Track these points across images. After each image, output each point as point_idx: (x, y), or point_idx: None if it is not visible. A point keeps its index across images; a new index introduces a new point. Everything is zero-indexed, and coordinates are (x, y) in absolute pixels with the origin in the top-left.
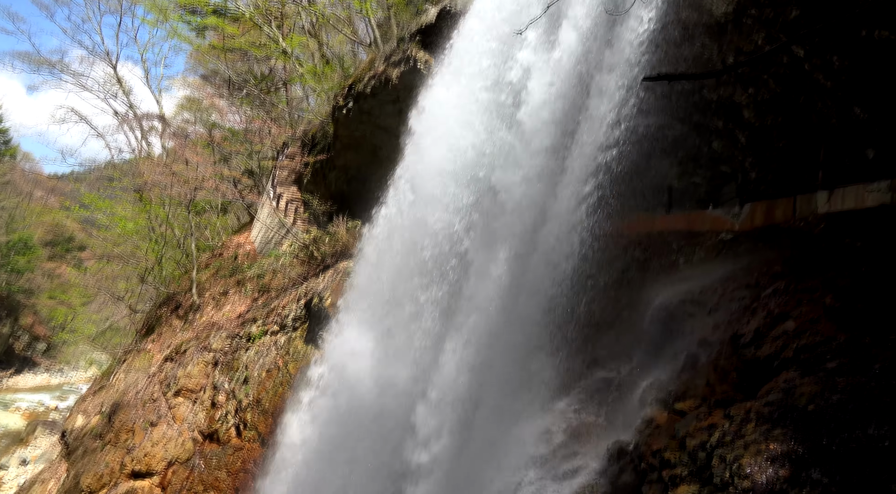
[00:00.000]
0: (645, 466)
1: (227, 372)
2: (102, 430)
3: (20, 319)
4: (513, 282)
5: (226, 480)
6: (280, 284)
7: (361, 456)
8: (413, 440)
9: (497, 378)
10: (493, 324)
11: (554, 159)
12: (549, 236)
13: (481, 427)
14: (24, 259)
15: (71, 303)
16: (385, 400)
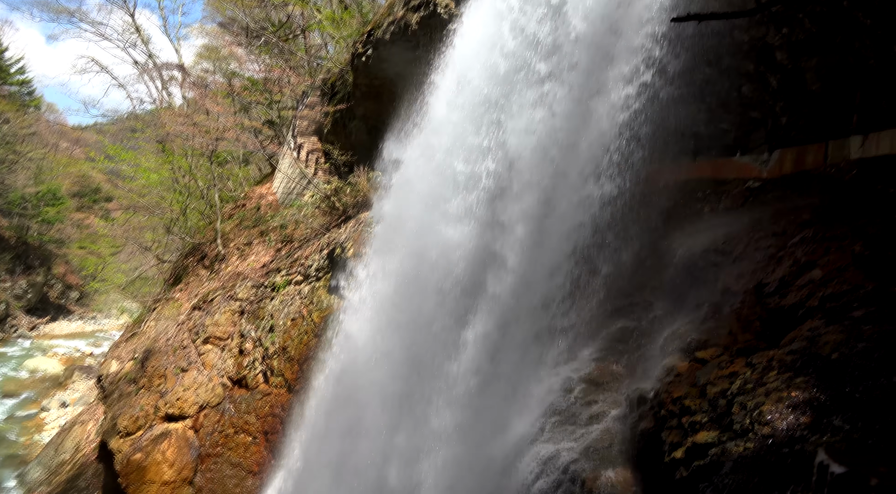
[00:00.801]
0: (665, 413)
1: (253, 320)
2: (136, 375)
3: (53, 268)
4: (536, 228)
5: (255, 423)
6: (302, 234)
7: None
8: (437, 383)
9: (519, 326)
10: (515, 272)
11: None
12: (573, 181)
13: (503, 373)
14: (53, 209)
15: (100, 253)
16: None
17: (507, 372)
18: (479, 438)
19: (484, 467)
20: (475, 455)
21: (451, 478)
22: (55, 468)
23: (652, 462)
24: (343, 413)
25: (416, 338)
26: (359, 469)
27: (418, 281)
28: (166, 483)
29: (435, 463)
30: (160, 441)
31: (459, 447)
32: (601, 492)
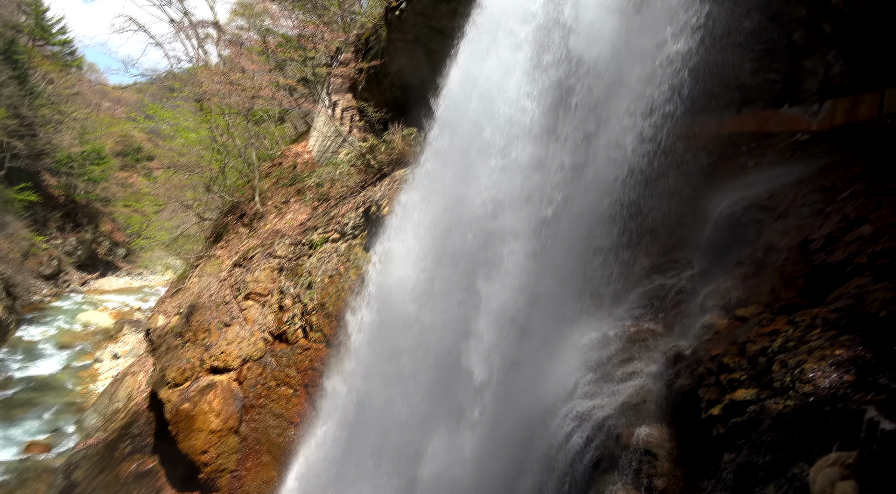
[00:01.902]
0: (702, 370)
1: (291, 277)
2: (182, 329)
3: (100, 226)
4: (574, 182)
5: (295, 377)
6: (338, 193)
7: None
8: (470, 339)
9: (555, 281)
10: (552, 228)
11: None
12: (612, 133)
13: (539, 329)
14: (98, 168)
15: (144, 211)
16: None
17: (542, 327)
18: (515, 394)
19: (520, 422)
20: (512, 409)
21: (487, 434)
22: (110, 415)
23: (688, 418)
24: (386, 366)
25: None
26: (400, 422)
27: (460, 227)
28: (213, 431)
29: (472, 419)
30: (206, 393)
31: (496, 402)
32: (636, 448)
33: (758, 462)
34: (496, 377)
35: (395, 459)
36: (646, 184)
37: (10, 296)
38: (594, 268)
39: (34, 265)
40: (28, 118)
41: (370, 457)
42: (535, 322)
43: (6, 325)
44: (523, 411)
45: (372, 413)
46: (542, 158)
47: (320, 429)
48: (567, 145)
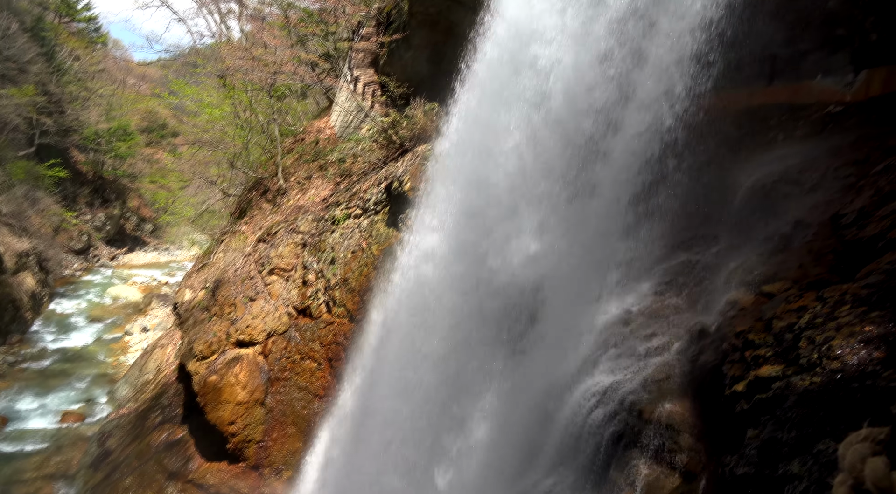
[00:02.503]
0: (727, 346)
1: (315, 252)
2: (208, 304)
3: (127, 202)
4: (596, 153)
5: (319, 351)
6: (360, 168)
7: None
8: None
9: (578, 257)
10: (574, 200)
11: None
12: (637, 104)
13: (561, 304)
14: (124, 145)
15: (170, 187)
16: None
17: (565, 301)
18: (536, 368)
19: (541, 395)
20: (534, 383)
21: (510, 405)
22: (140, 386)
23: (711, 394)
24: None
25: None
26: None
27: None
28: (240, 402)
29: (494, 389)
30: (233, 365)
31: (518, 376)
32: (658, 423)
33: (782, 439)
34: (518, 346)
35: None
36: (672, 158)
37: (42, 270)
38: (618, 243)
39: (65, 240)
40: (56, 95)
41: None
42: (558, 296)
43: (40, 298)
44: (545, 385)
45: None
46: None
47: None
48: (593, 116)
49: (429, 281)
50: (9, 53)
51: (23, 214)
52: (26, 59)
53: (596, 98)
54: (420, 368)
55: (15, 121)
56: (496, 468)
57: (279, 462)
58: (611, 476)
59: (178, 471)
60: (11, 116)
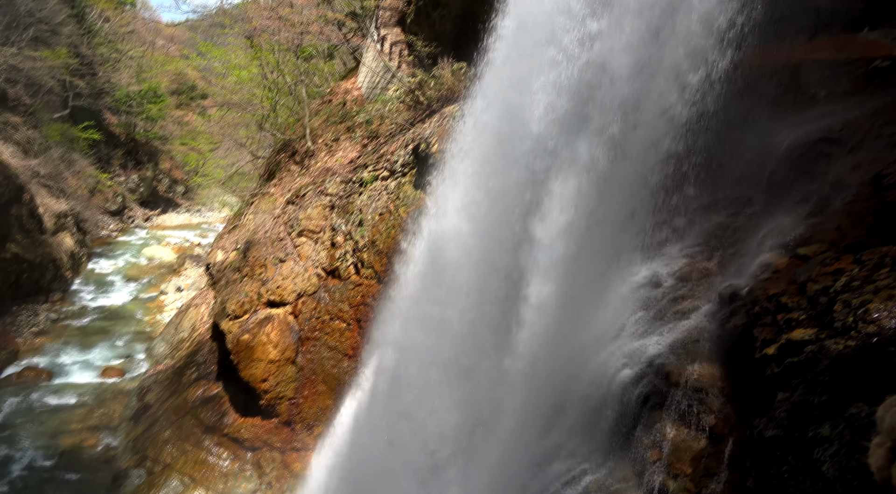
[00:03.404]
0: (758, 310)
1: (343, 214)
2: (239, 264)
3: (160, 164)
4: (627, 112)
5: (348, 311)
6: (387, 130)
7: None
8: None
9: (607, 217)
10: (605, 160)
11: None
12: (667, 61)
13: (589, 265)
14: (155, 107)
15: (200, 149)
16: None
17: (594, 263)
18: (562, 330)
19: (567, 358)
20: (559, 347)
21: (535, 366)
22: (176, 344)
23: (741, 358)
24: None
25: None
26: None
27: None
28: (272, 361)
29: (519, 351)
30: (264, 325)
31: (544, 337)
32: (686, 385)
33: (813, 402)
34: (543, 308)
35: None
36: (706, 117)
37: (80, 231)
38: (649, 204)
39: (100, 201)
40: (87, 57)
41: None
42: (586, 257)
43: (78, 258)
44: (572, 346)
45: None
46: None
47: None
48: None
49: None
50: (41, 15)
51: (59, 176)
52: (58, 20)
53: (630, 52)
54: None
55: (49, 84)
56: (521, 428)
57: (310, 419)
58: (636, 437)
59: (214, 425)
60: (46, 79)
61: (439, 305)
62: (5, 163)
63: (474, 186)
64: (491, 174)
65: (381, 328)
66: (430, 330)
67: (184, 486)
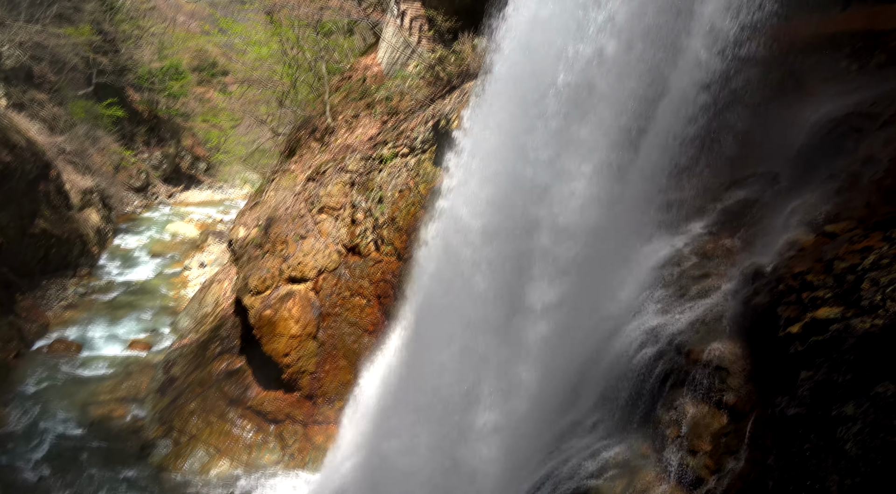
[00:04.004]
0: (783, 288)
1: (363, 191)
2: (261, 241)
3: (182, 141)
4: (651, 85)
5: (368, 288)
6: (407, 106)
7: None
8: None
9: (631, 193)
10: (626, 136)
11: None
12: (693, 33)
13: (610, 241)
14: (177, 84)
15: (221, 126)
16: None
17: (615, 240)
18: (584, 305)
19: (588, 334)
20: (580, 321)
21: (556, 343)
22: (200, 318)
23: (764, 336)
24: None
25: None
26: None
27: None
28: (293, 336)
29: (539, 330)
30: (286, 300)
31: (565, 313)
32: (707, 363)
33: (837, 380)
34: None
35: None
36: (732, 91)
37: (106, 207)
38: (672, 181)
39: (125, 178)
40: (110, 34)
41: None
42: (607, 234)
43: (104, 234)
44: (592, 323)
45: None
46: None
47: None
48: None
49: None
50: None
51: (85, 153)
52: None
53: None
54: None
55: (73, 61)
56: (541, 406)
57: (331, 393)
58: (656, 414)
59: (237, 398)
60: (69, 56)
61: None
62: (32, 140)
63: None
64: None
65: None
66: (453, 295)
67: (209, 456)
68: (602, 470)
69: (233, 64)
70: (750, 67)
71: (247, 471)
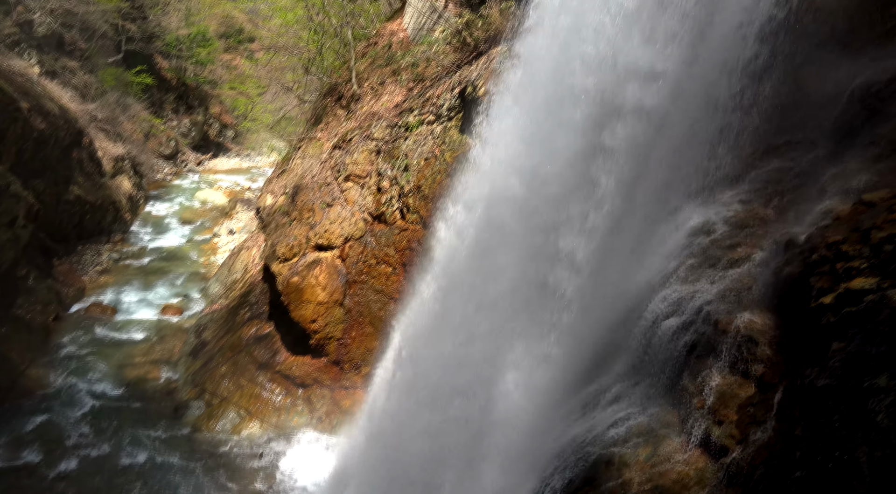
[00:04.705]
0: (816, 258)
1: (388, 159)
2: (288, 209)
3: (210, 108)
4: (686, 50)
5: (394, 256)
6: (433, 73)
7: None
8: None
9: (660, 161)
10: (658, 104)
11: None
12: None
13: (640, 208)
14: (204, 51)
15: (248, 94)
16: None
17: (644, 207)
18: (611, 274)
19: (614, 302)
20: (607, 289)
21: (582, 310)
22: (229, 284)
23: (795, 307)
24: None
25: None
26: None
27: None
28: (320, 303)
29: (566, 294)
30: (313, 268)
31: (591, 280)
32: (735, 334)
33: (871, 352)
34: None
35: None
36: (770, 56)
37: (137, 174)
38: (705, 148)
39: (155, 146)
40: (138, 0)
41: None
42: (637, 201)
43: (136, 201)
44: (619, 292)
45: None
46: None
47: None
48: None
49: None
50: None
51: (116, 120)
52: None
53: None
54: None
55: (102, 28)
56: (564, 374)
57: (358, 359)
58: (681, 384)
59: (266, 363)
60: (99, 23)
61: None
62: (65, 108)
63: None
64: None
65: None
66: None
67: (240, 418)
68: (626, 438)
69: (259, 30)
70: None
71: (276, 433)
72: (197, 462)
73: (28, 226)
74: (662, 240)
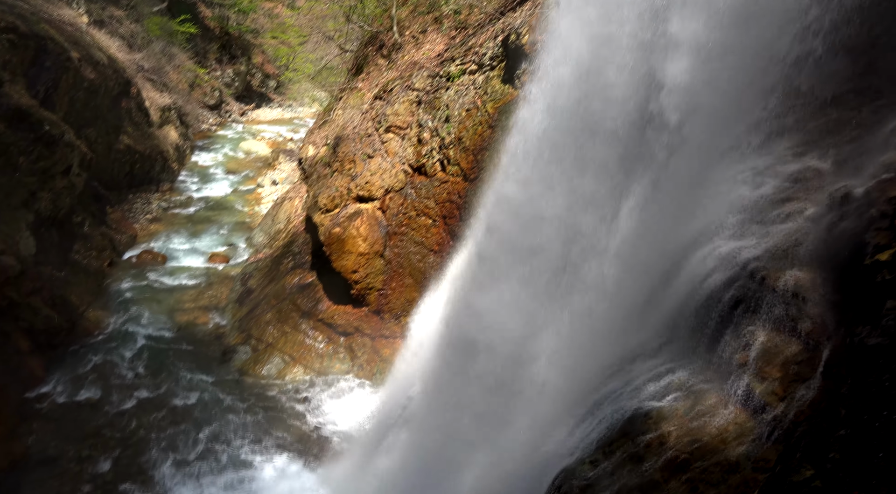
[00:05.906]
0: (874, 213)
1: (429, 110)
2: (329, 160)
3: (252, 58)
4: None
5: (434, 208)
6: (476, 20)
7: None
8: None
9: (706, 106)
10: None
11: None
12: None
13: (685, 160)
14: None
15: (290, 43)
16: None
17: (689, 160)
18: (654, 226)
19: (656, 260)
20: (649, 247)
21: (623, 264)
22: (273, 234)
23: (848, 263)
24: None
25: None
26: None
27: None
28: (361, 253)
29: (608, 247)
30: (354, 219)
31: (634, 236)
32: (783, 290)
33: None
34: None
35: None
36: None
37: (183, 124)
38: (758, 95)
39: (199, 96)
40: None
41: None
42: (682, 152)
43: (183, 151)
44: (662, 245)
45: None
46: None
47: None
48: None
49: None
50: None
51: (161, 70)
52: None
53: None
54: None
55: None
56: (605, 327)
57: (398, 309)
58: (724, 340)
59: (309, 311)
60: None
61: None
62: (113, 57)
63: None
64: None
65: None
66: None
67: (284, 363)
68: (664, 393)
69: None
70: None
71: (319, 378)
72: (245, 403)
73: (82, 175)
74: (713, 192)
